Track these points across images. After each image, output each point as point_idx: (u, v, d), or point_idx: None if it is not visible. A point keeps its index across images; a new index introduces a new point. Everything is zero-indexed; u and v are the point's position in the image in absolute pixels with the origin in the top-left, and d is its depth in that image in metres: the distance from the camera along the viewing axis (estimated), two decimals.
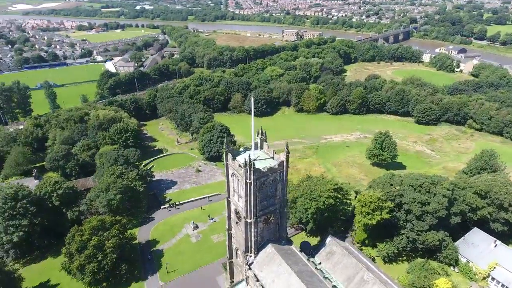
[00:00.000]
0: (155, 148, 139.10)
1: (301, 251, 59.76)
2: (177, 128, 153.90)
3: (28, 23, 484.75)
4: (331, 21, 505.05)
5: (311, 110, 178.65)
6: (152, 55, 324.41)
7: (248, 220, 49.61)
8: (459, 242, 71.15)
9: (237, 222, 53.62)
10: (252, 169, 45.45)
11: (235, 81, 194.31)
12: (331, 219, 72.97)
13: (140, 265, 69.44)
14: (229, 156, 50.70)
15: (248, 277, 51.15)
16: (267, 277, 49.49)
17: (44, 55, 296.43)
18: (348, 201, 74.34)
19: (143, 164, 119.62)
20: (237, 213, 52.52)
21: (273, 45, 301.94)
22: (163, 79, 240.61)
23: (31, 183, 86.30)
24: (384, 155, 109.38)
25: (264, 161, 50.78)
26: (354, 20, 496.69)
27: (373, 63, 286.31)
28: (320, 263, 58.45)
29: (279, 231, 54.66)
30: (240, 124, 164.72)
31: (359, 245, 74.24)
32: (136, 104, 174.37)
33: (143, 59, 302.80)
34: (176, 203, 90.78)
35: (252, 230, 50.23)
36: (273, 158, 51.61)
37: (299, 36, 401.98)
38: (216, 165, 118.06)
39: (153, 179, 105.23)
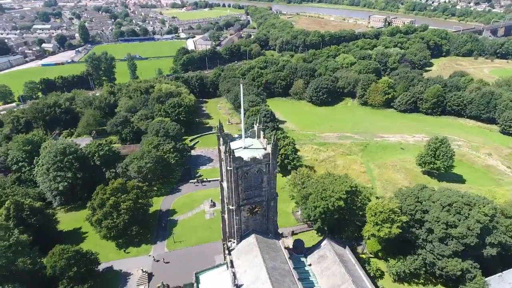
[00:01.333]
0: (207, 125, 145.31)
1: (293, 248, 58.18)
2: (232, 108, 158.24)
3: None
4: (430, 7, 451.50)
5: (376, 105, 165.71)
6: (231, 35, 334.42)
7: (230, 207, 49.73)
8: (492, 278, 60.54)
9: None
10: (231, 156, 45.02)
11: (300, 67, 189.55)
12: (344, 222, 68.49)
13: (153, 230, 75.33)
14: (221, 140, 50.83)
15: (230, 260, 51.72)
16: (241, 265, 49.49)
17: (137, 29, 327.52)
18: (364, 207, 68.49)
19: (189, 139, 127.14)
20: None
21: (352, 31, 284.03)
22: (233, 59, 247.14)
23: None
24: (436, 163, 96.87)
25: (255, 150, 49.69)
26: (458, 7, 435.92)
27: (469, 59, 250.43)
28: (310, 265, 56.06)
29: (267, 223, 53.64)
30: (296, 111, 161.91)
31: (372, 256, 68.63)
32: (201, 81, 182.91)
33: (221, 39, 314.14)
34: (204, 180, 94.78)
35: (234, 217, 50.29)
36: (265, 148, 50.09)
37: (386, 23, 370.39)
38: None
39: (192, 154, 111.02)
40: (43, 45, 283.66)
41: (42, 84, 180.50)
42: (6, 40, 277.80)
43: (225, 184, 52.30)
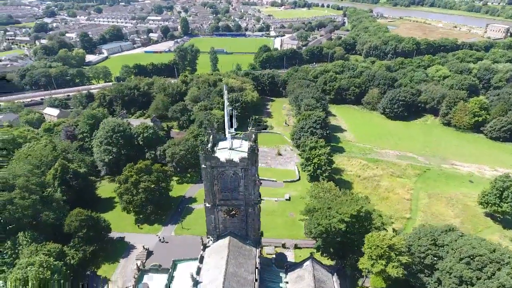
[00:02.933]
0: (265, 123, 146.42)
1: (275, 261, 55.98)
2: (293, 109, 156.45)
3: None
4: None
5: (461, 127, 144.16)
6: (321, 36, 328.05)
7: (206, 204, 50.23)
8: None
9: None
10: (204, 154, 45.36)
11: (379, 75, 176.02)
12: (348, 248, 62.43)
13: (170, 213, 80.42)
14: (211, 138, 51.49)
15: (201, 255, 52.52)
16: (208, 263, 49.73)
17: (231, 25, 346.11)
18: None
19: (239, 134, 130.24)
20: None
21: (454, 40, 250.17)
22: (313, 61, 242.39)
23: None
24: (502, 206, 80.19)
25: (239, 153, 49.02)
26: None
27: None
28: (287, 282, 53.09)
29: (246, 228, 52.49)
30: (363, 122, 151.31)
31: None
32: (272, 80, 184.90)
33: (309, 39, 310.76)
34: None
35: (209, 215, 50.66)
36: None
37: (508, 34, 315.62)
38: (299, 154, 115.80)
39: None
40: (150, 34, 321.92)
41: (135, 69, 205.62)
42: (123, 29, 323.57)
43: None
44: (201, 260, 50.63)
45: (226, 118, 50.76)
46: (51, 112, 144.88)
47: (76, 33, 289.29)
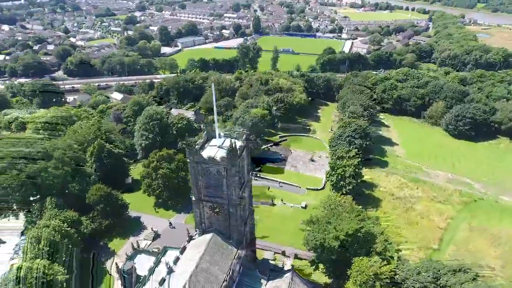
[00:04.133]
0: (308, 127, 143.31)
1: (255, 266, 55.25)
2: (340, 115, 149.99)
3: None
4: None
5: None
6: (397, 41, 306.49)
7: (193, 198, 51.62)
8: None
9: None
10: (188, 149, 46.71)
11: (447, 87, 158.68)
12: (344, 266, 58.24)
13: (185, 202, 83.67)
14: (204, 133, 52.70)
15: (184, 246, 54.24)
16: (187, 254, 51.06)
17: (302, 25, 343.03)
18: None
19: (279, 135, 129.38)
20: None
21: None
22: (379, 67, 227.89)
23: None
24: None
25: (225, 152, 49.16)
26: None
27: None
28: None
29: (229, 228, 52.59)
30: (420, 137, 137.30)
31: None
32: (327, 83, 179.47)
33: (383, 44, 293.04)
34: (257, 174, 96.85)
35: (195, 208, 51.97)
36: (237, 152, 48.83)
37: None
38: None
39: (271, 149, 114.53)
40: (223, 31, 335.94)
41: (199, 62, 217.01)
42: (200, 24, 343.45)
43: None
44: (182, 251, 52.26)
45: (215, 117, 51.22)
46: (116, 96, 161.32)
47: (157, 26, 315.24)
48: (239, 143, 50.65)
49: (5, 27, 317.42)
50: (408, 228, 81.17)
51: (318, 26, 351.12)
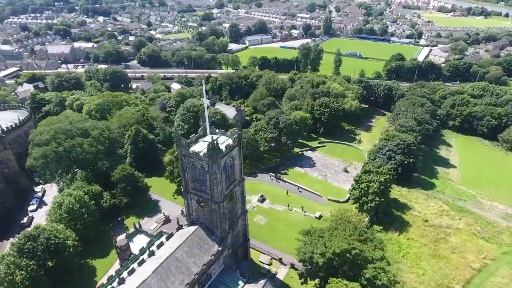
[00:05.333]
0: (355, 136, 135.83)
1: (245, 267, 55.15)
2: (390, 127, 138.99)
3: None
4: None
5: None
6: (486, 51, 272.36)
7: (182, 189, 53.38)
8: None
9: None
10: (176, 140, 48.44)
11: None
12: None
13: None
14: (201, 128, 53.97)
15: (171, 233, 56.35)
16: (169, 242, 52.88)
17: (376, 29, 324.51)
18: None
19: (321, 140, 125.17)
20: None
21: None
22: (455, 79, 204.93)
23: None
24: None
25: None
26: None
27: None
28: None
29: (213, 224, 53.14)
30: (487, 162, 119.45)
31: None
32: (388, 92, 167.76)
33: (467, 53, 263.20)
34: (280, 177, 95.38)
35: (184, 199, 53.66)
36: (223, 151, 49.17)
37: None
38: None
39: (304, 154, 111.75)
40: (292, 30, 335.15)
41: (261, 60, 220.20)
42: (269, 23, 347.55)
43: None
44: (169, 237, 54.41)
45: (206, 113, 51.88)
46: (175, 87, 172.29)
47: (229, 24, 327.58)
48: (229, 142, 50.79)
49: (100, 19, 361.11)
50: (432, 261, 72.35)
51: (395, 30, 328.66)
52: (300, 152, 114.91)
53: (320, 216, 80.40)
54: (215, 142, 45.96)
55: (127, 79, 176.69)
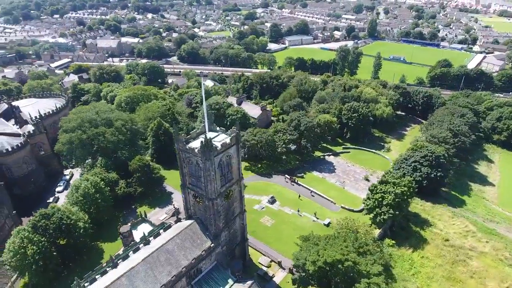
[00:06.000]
0: (384, 144, 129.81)
1: (228, 264, 55.42)
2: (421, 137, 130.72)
3: (454, 1, 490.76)
4: None
5: None
6: None
7: (180, 183, 54.62)
8: None
9: None
10: (173, 135, 49.75)
11: None
12: None
13: None
14: (202, 125, 54.81)
15: (170, 224, 57.88)
16: (165, 233, 54.26)
17: (425, 33, 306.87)
18: None
19: (343, 146, 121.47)
20: None
21: None
22: (509, 89, 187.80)
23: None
24: None
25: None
26: None
27: None
28: None
29: (208, 221, 53.74)
30: None
31: None
32: (427, 100, 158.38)
33: None
34: (295, 180, 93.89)
35: (182, 193, 54.89)
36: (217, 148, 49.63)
37: None
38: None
39: (326, 159, 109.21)
40: (335, 32, 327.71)
41: (296, 62, 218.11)
42: (312, 24, 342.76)
43: None
44: (166, 229, 55.95)
45: (205, 110, 52.43)
46: (208, 84, 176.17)
47: (271, 23, 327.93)
48: (227, 140, 51.06)
49: (149, 15, 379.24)
50: (445, 284, 67.20)
51: (446, 34, 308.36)
52: (321, 156, 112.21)
53: (329, 223, 77.92)
54: (209, 139, 46.44)
55: (164, 74, 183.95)
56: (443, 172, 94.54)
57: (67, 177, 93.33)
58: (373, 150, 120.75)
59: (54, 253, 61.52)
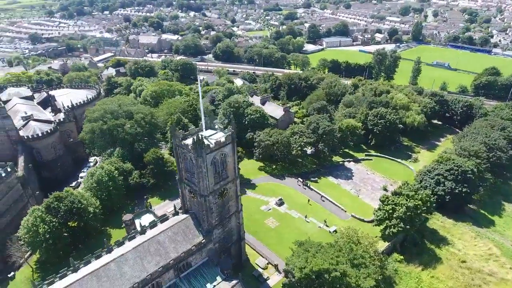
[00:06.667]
0: (409, 152, 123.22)
1: (218, 261, 55.90)
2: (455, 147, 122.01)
3: None
4: None
5: None
6: None
7: (176, 177, 55.88)
8: None
9: None
10: (170, 130, 50.91)
11: None
12: None
13: None
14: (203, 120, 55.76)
15: (167, 216, 59.39)
16: (161, 225, 55.81)
17: (476, 38, 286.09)
18: None
19: (366, 153, 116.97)
20: None
21: None
22: None
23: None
24: None
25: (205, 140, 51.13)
26: None
27: None
28: (214, 287, 52.32)
29: (201, 217, 54.46)
30: None
31: None
32: (467, 110, 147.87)
33: None
34: (307, 184, 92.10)
35: (179, 187, 56.18)
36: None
37: None
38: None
39: (346, 165, 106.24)
40: (376, 34, 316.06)
41: (330, 63, 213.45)
42: (353, 26, 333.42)
43: None
44: (163, 220, 57.46)
45: (202, 109, 52.96)
46: (238, 82, 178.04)
47: (309, 24, 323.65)
48: (222, 139, 51.37)
49: (191, 14, 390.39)
50: None
51: (499, 40, 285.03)
52: (340, 162, 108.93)
53: (335, 231, 75.57)
54: (201, 137, 47.08)
55: (196, 71, 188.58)
56: (469, 188, 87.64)
57: (91, 163, 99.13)
58: (398, 159, 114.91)
59: (65, 234, 65.79)
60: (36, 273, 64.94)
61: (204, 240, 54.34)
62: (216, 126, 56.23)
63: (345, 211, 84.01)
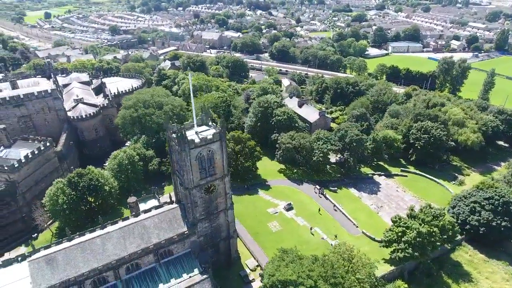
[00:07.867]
0: (456, 173, 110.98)
1: (198, 254, 57.31)
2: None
3: None
4: None
5: None
6: None
7: (171, 167, 58.37)
8: None
9: None
10: (164, 124, 53.35)
11: None
12: None
13: (238, 184, 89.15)
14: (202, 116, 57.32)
15: (162, 204, 62.32)
16: (154, 211, 59.03)
17: None
18: None
19: (402, 168, 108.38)
20: None
21: None
22: None
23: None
24: None
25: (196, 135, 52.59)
26: None
27: None
28: (190, 277, 53.89)
29: (187, 209, 56.21)
30: None
31: None
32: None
33: None
34: (323, 193, 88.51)
35: (172, 178, 58.68)
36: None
37: None
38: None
39: (374, 177, 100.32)
40: (452, 41, 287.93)
41: (389, 70, 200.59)
42: (426, 31, 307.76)
43: None
44: (158, 207, 60.53)
45: (193, 106, 54.04)
46: (285, 83, 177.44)
47: (374, 27, 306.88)
48: (209, 136, 52.23)
49: (258, 12, 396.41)
50: None
51: None
52: (370, 174, 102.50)
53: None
54: (183, 131, 48.61)
55: (247, 68, 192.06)
56: (511, 223, 76.21)
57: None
58: (438, 180, 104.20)
59: (82, 207, 73.06)
60: (55, 238, 73.30)
61: (187, 232, 56.07)
62: (210, 123, 57.17)
63: (357, 226, 79.10)
